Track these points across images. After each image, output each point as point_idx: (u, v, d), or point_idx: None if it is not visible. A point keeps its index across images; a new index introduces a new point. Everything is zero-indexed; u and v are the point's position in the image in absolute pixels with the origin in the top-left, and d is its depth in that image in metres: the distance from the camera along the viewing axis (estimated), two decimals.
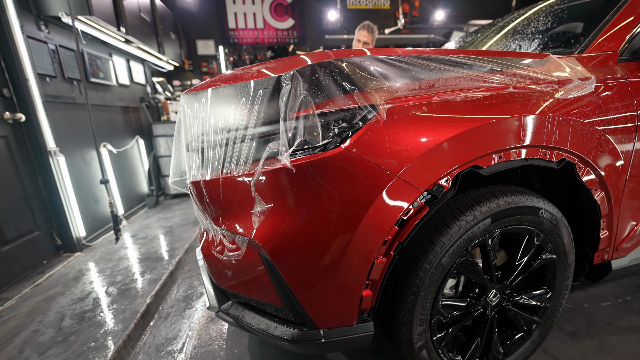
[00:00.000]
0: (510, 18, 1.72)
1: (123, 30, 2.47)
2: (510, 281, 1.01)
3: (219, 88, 0.84)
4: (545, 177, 1.13)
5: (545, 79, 0.89)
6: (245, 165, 0.80)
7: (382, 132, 0.75)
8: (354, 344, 0.89)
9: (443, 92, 0.81)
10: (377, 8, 4.60)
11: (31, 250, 1.88)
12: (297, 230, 0.77)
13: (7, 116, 1.77)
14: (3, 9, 1.73)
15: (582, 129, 0.89)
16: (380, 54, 0.80)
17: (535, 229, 0.95)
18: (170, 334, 1.42)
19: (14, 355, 1.22)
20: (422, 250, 0.86)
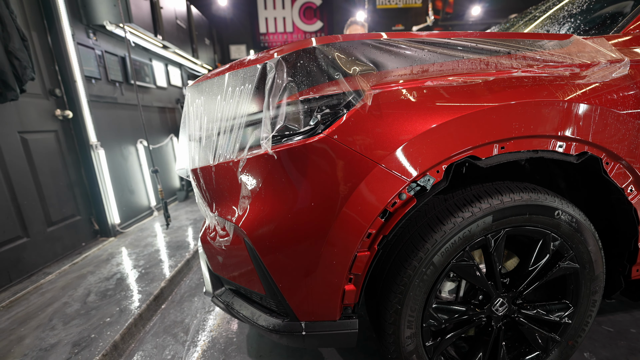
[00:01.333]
0: (547, 4, 1.56)
1: (160, 36, 2.68)
2: (521, 290, 0.90)
3: (213, 79, 0.87)
4: (571, 175, 0.99)
5: (563, 62, 0.79)
6: (234, 152, 0.81)
7: (366, 118, 0.72)
8: (338, 341, 0.86)
9: (438, 77, 0.75)
10: (409, 6, 4.46)
11: (72, 233, 2.11)
12: (278, 218, 0.77)
13: (58, 113, 2.01)
14: (58, 19, 1.98)
15: (610, 118, 0.77)
16: (371, 38, 0.77)
17: (551, 232, 0.84)
18: (179, 317, 1.49)
19: (44, 322, 1.37)
20: (412, 246, 0.80)
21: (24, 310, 1.47)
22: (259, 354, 1.22)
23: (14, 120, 1.73)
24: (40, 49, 1.93)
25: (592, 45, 0.83)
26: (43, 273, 1.83)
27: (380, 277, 0.87)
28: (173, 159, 3.52)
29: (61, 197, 2.03)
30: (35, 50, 1.90)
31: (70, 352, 1.17)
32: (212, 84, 0.87)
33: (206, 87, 0.88)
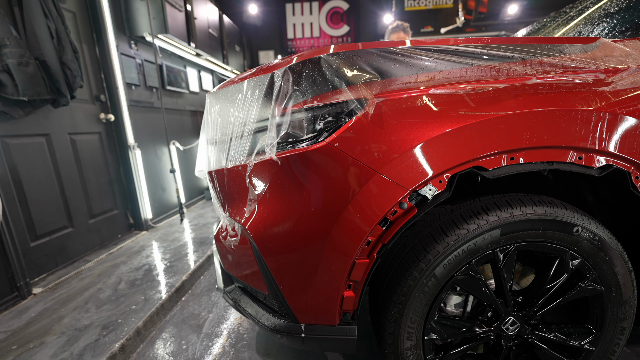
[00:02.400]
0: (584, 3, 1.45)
1: (193, 45, 2.87)
2: (536, 310, 0.84)
3: (228, 87, 0.92)
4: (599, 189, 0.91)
5: (585, 68, 0.74)
6: (243, 157, 0.85)
7: (368, 127, 0.72)
8: (337, 347, 0.86)
9: (443, 85, 0.74)
10: (439, 7, 4.33)
11: (110, 225, 2.32)
12: (281, 222, 0.80)
13: (102, 116, 2.23)
14: (105, 32, 2.20)
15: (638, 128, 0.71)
16: (378, 46, 0.78)
17: (569, 250, 0.78)
18: (196, 310, 1.58)
19: (80, 305, 1.52)
20: (414, 256, 0.79)
21: (66, 293, 1.65)
22: (267, 352, 1.26)
23: (65, 122, 1.95)
24: (89, 59, 2.16)
25: (622, 49, 0.76)
26: (84, 260, 2.03)
27: (382, 285, 0.86)
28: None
29: (102, 193, 2.25)
30: (85, 60, 2.12)
31: (99, 334, 1.30)
32: (227, 92, 0.92)
33: (222, 95, 0.94)
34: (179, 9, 2.63)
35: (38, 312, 1.48)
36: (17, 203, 1.65)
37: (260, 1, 4.44)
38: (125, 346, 1.25)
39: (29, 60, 1.58)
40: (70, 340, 1.27)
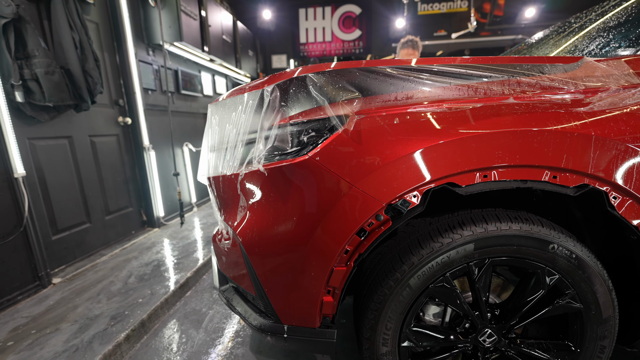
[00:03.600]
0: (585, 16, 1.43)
1: (206, 50, 2.99)
2: (514, 323, 0.86)
3: (226, 100, 0.99)
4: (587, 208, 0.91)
5: (564, 88, 0.75)
6: (235, 166, 0.92)
7: (348, 142, 0.76)
8: (317, 348, 0.91)
9: (421, 104, 0.77)
10: (453, 11, 4.28)
11: (125, 222, 2.46)
12: (267, 228, 0.85)
13: (120, 120, 2.38)
14: (125, 41, 2.35)
15: (617, 149, 0.71)
16: (360, 65, 0.82)
17: (546, 267, 0.79)
18: (198, 306, 1.67)
19: (93, 296, 1.64)
20: (391, 266, 0.82)
21: (81, 284, 1.78)
22: (259, 350, 1.32)
23: (86, 126, 2.10)
24: (110, 66, 2.31)
25: (604, 69, 0.77)
26: (99, 254, 2.18)
27: (362, 292, 0.90)
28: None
29: (118, 191, 2.39)
30: (106, 67, 2.27)
31: (108, 324, 1.40)
32: (224, 104, 0.99)
33: (220, 107, 1.01)
34: (193, 18, 2.76)
35: (56, 301, 1.61)
36: (42, 200, 1.80)
37: (274, 6, 4.54)
38: (130, 336, 1.35)
39: (55, 69, 1.72)
40: (82, 328, 1.38)
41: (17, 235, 1.60)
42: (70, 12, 1.84)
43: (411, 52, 2.41)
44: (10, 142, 1.55)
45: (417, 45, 2.41)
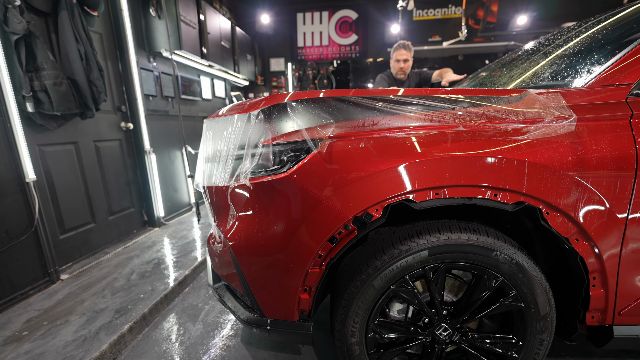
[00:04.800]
0: (537, 43, 1.56)
1: (205, 57, 3.11)
2: (466, 319, 0.99)
3: (219, 118, 1.11)
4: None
5: (507, 118, 0.87)
6: (226, 179, 1.04)
7: (321, 163, 0.89)
8: (296, 339, 1.05)
9: (385, 130, 0.89)
10: (447, 17, 4.37)
11: (127, 221, 2.60)
12: (251, 235, 0.98)
13: (122, 125, 2.51)
14: (128, 50, 2.47)
15: (548, 172, 0.83)
16: (333, 95, 0.95)
17: (490, 271, 0.92)
18: (195, 302, 1.80)
19: (98, 291, 1.78)
20: (359, 269, 0.95)
21: (87, 280, 1.92)
22: (250, 341, 1.46)
23: (91, 131, 2.23)
24: (112, 74, 2.43)
25: (542, 101, 0.89)
26: (103, 252, 2.32)
27: (335, 291, 1.03)
28: None
29: (120, 192, 2.53)
30: (109, 75, 2.39)
31: (112, 317, 1.54)
32: (218, 121, 1.11)
33: (214, 124, 1.13)
34: (193, 27, 2.87)
35: (64, 295, 1.75)
36: (50, 202, 1.93)
37: (273, 11, 4.64)
38: (133, 328, 1.48)
39: (62, 80, 1.85)
40: (89, 320, 1.52)
41: (29, 235, 1.74)
42: (76, 25, 1.96)
43: (404, 52, 2.53)
44: (22, 150, 1.68)
45: (409, 47, 2.54)
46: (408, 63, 2.54)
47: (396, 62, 2.55)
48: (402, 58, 2.51)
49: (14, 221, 1.67)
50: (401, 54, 2.50)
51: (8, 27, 1.62)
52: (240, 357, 1.37)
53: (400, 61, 2.53)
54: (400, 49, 2.54)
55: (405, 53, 2.49)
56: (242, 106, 1.06)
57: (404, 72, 2.58)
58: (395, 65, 2.58)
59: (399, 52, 2.53)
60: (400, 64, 2.54)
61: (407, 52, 2.49)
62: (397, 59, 2.53)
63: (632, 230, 0.86)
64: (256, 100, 1.05)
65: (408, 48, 2.51)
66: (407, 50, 2.49)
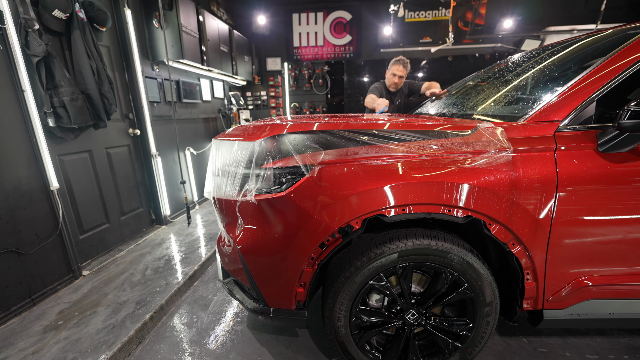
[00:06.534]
0: (493, 72, 1.77)
1: (206, 64, 3.26)
2: (430, 306, 1.24)
3: (227, 141, 1.31)
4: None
5: (459, 149, 1.09)
6: (234, 194, 1.26)
7: (312, 185, 1.11)
8: (294, 324, 1.29)
9: (364, 158, 1.11)
10: (437, 19, 4.52)
11: (137, 221, 2.81)
12: (257, 241, 1.21)
13: (130, 131, 2.69)
14: (133, 61, 2.62)
15: (488, 193, 1.06)
16: (324, 128, 1.16)
17: (447, 268, 1.16)
18: (204, 293, 2.05)
19: (119, 285, 2.01)
20: (343, 268, 1.19)
21: (107, 275, 2.15)
22: (254, 327, 1.71)
23: (102, 139, 2.41)
24: (120, 84, 2.59)
25: (487, 135, 1.11)
26: (117, 250, 2.54)
27: (325, 285, 1.28)
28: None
29: (130, 194, 2.73)
30: (117, 85, 2.56)
31: (135, 308, 1.78)
32: (227, 143, 1.31)
33: (223, 144, 1.32)
34: (193, 36, 3.01)
35: (88, 290, 1.98)
36: (70, 207, 2.14)
37: (269, 12, 4.74)
38: (154, 317, 1.73)
39: (78, 95, 2.02)
40: (115, 310, 1.76)
41: (55, 237, 1.95)
42: (87, 43, 2.12)
43: (401, 69, 2.73)
44: (47, 162, 1.87)
45: (407, 65, 2.74)
46: (402, 80, 2.74)
47: (392, 76, 2.74)
48: (398, 74, 2.70)
49: (42, 225, 1.88)
50: (399, 70, 2.68)
51: (30, 50, 1.79)
52: (247, 339, 1.62)
53: (396, 76, 2.72)
54: (399, 65, 2.71)
55: (402, 70, 2.68)
56: (247, 131, 1.27)
57: (397, 87, 2.78)
58: (390, 78, 2.77)
59: (397, 68, 2.71)
60: (395, 78, 2.73)
61: (404, 70, 2.68)
62: (394, 74, 2.72)
63: (554, 237, 1.10)
64: (260, 126, 1.27)
65: (406, 66, 2.70)
66: (405, 68, 2.68)
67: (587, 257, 1.14)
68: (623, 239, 1.11)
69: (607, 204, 1.08)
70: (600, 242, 1.12)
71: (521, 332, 1.62)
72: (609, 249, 1.13)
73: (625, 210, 1.08)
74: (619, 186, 1.07)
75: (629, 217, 1.09)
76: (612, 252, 1.14)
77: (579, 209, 1.08)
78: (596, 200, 1.08)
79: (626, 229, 1.10)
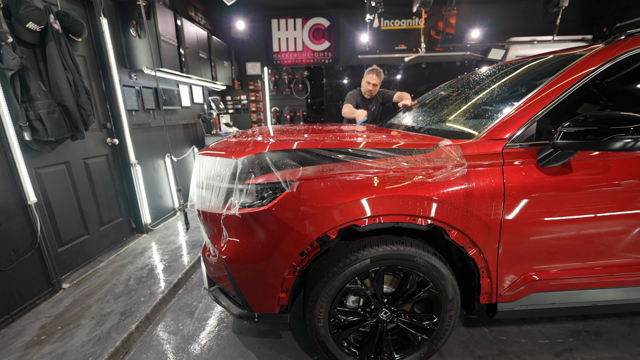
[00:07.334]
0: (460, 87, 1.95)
1: (185, 71, 3.27)
2: (399, 304, 1.38)
3: (211, 157, 1.39)
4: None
5: (422, 165, 1.24)
6: (219, 207, 1.33)
7: (291, 199, 1.21)
8: (278, 327, 1.39)
9: (339, 174, 1.23)
10: (411, 28, 4.74)
11: (117, 230, 2.79)
12: (242, 251, 1.30)
13: (108, 141, 2.66)
14: (110, 69, 2.60)
15: (447, 204, 1.21)
16: (302, 147, 1.27)
17: (415, 270, 1.31)
18: (189, 301, 2.10)
19: (102, 297, 2.02)
20: (322, 273, 1.30)
21: (88, 287, 2.14)
22: (240, 331, 1.79)
23: (80, 150, 2.39)
24: (97, 93, 2.57)
25: (446, 152, 1.26)
26: (97, 260, 2.52)
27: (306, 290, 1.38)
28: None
29: (110, 204, 2.71)
30: (94, 94, 2.53)
31: (120, 318, 1.80)
32: (211, 159, 1.38)
33: (207, 160, 1.40)
34: (172, 44, 3.01)
35: (70, 303, 1.98)
36: (48, 220, 2.11)
37: (248, 17, 4.77)
38: (139, 327, 1.76)
39: (54, 108, 2.00)
40: (99, 322, 1.78)
41: (33, 251, 1.93)
42: (63, 54, 2.10)
43: (375, 77, 2.88)
44: (24, 176, 1.85)
45: (380, 74, 2.90)
46: (376, 87, 2.90)
47: (367, 84, 2.90)
48: (372, 82, 2.86)
49: (20, 240, 1.86)
50: (373, 78, 2.85)
51: (3, 64, 1.76)
52: (233, 343, 1.70)
53: (370, 84, 2.87)
54: (373, 74, 2.87)
55: (376, 79, 2.84)
56: (230, 147, 1.36)
57: (371, 95, 2.94)
58: (365, 86, 2.93)
59: (371, 77, 2.87)
60: (369, 86, 2.89)
61: (377, 78, 2.85)
62: (368, 82, 2.88)
63: (504, 240, 1.27)
64: (243, 142, 1.36)
65: (380, 75, 2.86)
66: (378, 77, 2.85)
67: (531, 255, 1.32)
68: (560, 238, 1.30)
69: (546, 210, 1.26)
70: (542, 241, 1.30)
71: (483, 323, 1.81)
72: (549, 247, 1.32)
73: (561, 214, 1.27)
74: (555, 194, 1.25)
75: (564, 218, 1.27)
76: (552, 250, 1.32)
77: (523, 215, 1.25)
78: (537, 207, 1.25)
79: (562, 230, 1.29)
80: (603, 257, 1.34)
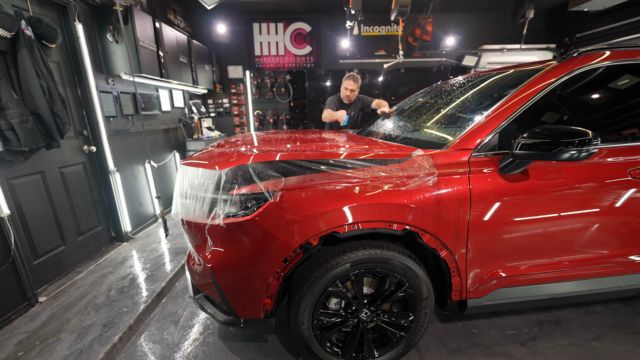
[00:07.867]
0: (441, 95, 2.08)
1: (165, 77, 3.23)
2: (379, 304, 1.46)
3: (194, 167, 1.42)
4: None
5: (396, 174, 1.33)
6: (203, 217, 1.37)
7: (274, 209, 1.27)
8: (264, 331, 1.44)
9: (320, 184, 1.30)
10: (390, 34, 4.90)
11: (95, 240, 2.72)
12: (227, 260, 1.34)
13: (85, 148, 2.60)
14: (86, 75, 2.54)
15: (419, 210, 1.31)
16: (285, 158, 1.32)
17: (392, 272, 1.40)
18: (174, 309, 2.10)
19: (82, 309, 1.98)
20: (303, 278, 1.37)
21: (67, 300, 2.09)
22: (225, 337, 1.82)
23: (55, 159, 2.32)
24: (72, 100, 2.50)
25: (419, 162, 1.36)
26: (76, 272, 2.45)
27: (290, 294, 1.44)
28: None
29: (87, 213, 2.64)
30: (69, 101, 2.46)
31: (102, 330, 1.79)
32: (194, 170, 1.41)
33: (190, 170, 1.42)
34: (151, 49, 2.97)
35: (48, 316, 1.93)
36: (22, 232, 2.04)
37: (228, 21, 4.75)
38: (123, 338, 1.75)
39: (28, 117, 1.95)
40: (80, 336, 1.75)
41: (7, 265, 1.87)
42: (36, 61, 2.04)
43: (352, 83, 2.98)
44: None
45: (357, 80, 3.00)
46: (354, 93, 3.00)
47: (344, 89, 2.99)
48: (349, 88, 2.95)
49: None
50: (350, 84, 2.94)
51: None
52: (219, 349, 1.73)
53: (348, 90, 2.97)
54: (350, 80, 2.97)
55: (353, 84, 2.94)
56: (213, 157, 1.40)
57: (350, 100, 3.03)
58: (343, 92, 3.02)
59: (348, 83, 2.97)
60: (347, 92, 2.98)
61: (355, 84, 2.94)
62: (346, 87, 2.97)
63: (471, 242, 1.38)
64: (226, 153, 1.40)
65: (356, 81, 2.96)
66: (355, 82, 2.94)
67: (497, 255, 1.45)
68: (521, 237, 1.43)
69: (508, 212, 1.38)
70: (506, 241, 1.43)
71: (458, 318, 1.93)
72: (512, 246, 1.44)
73: (521, 216, 1.40)
74: (515, 199, 1.38)
75: (524, 219, 1.40)
76: (515, 248, 1.45)
77: (488, 219, 1.37)
78: (500, 211, 1.38)
79: (522, 230, 1.42)
80: (558, 254, 1.49)
